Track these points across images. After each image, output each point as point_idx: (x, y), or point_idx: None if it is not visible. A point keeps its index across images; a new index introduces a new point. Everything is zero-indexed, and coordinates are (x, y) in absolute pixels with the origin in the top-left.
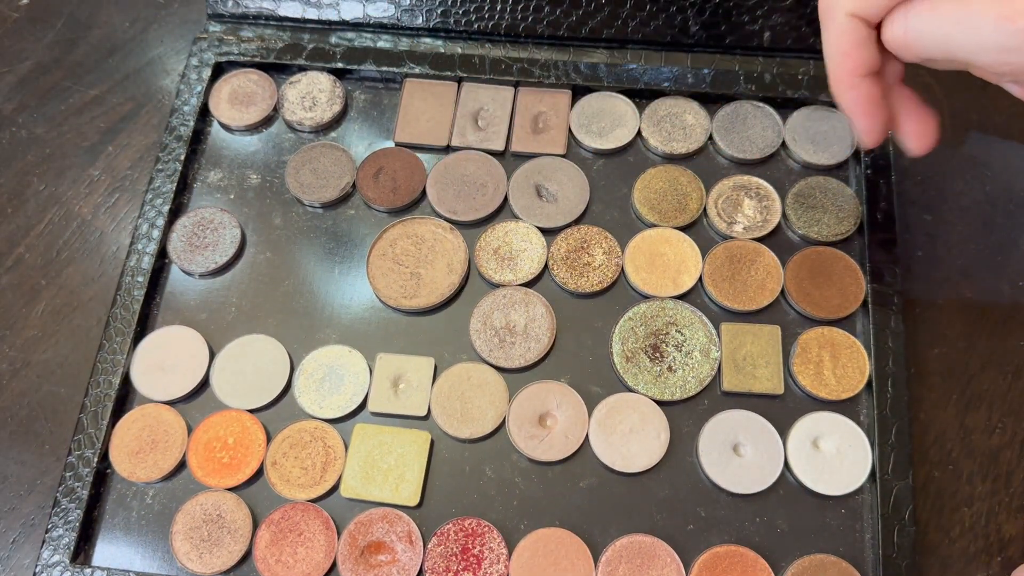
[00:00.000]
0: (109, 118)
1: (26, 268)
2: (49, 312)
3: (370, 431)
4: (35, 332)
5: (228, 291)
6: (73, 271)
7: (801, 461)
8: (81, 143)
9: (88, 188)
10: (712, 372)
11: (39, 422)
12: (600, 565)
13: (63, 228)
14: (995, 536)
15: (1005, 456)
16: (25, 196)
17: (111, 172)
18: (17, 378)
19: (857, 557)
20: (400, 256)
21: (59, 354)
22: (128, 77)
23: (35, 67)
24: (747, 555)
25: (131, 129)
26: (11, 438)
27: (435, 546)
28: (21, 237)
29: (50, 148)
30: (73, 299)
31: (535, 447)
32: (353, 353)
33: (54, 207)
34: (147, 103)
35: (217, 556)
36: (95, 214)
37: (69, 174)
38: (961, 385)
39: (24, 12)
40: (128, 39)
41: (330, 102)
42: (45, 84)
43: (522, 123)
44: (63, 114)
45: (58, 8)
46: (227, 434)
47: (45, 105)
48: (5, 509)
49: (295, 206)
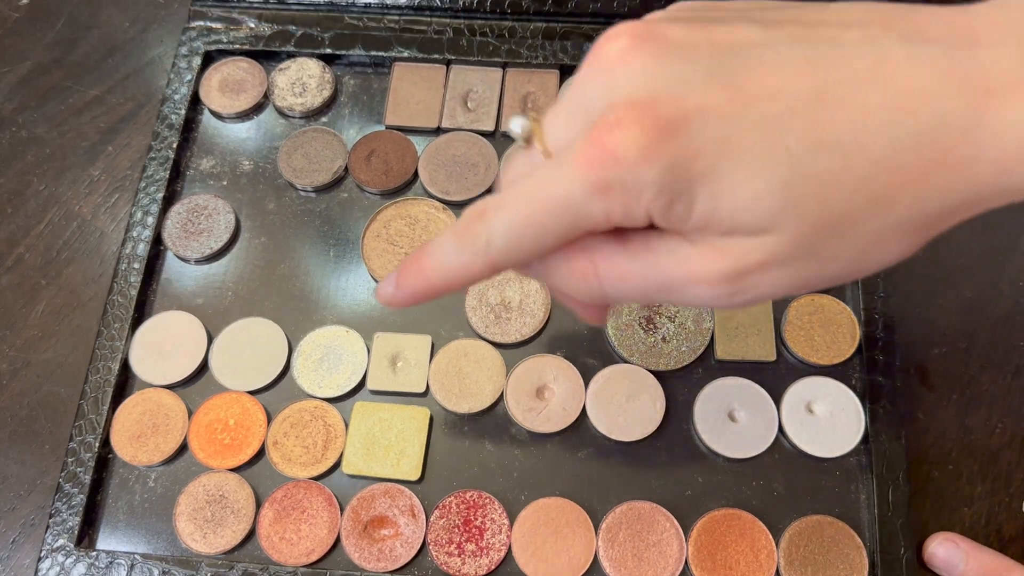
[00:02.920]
0: (109, 118)
1: (26, 268)
2: (49, 312)
3: (370, 409)
4: (35, 332)
5: (224, 276)
6: (73, 271)
7: (795, 425)
8: (81, 143)
9: (88, 188)
10: (705, 342)
11: (39, 422)
12: (601, 532)
13: (63, 228)
14: (995, 536)
15: (1005, 456)
16: (25, 196)
17: (111, 172)
18: (17, 378)
19: (853, 517)
20: (394, 237)
21: (59, 354)
22: (128, 77)
23: (35, 67)
24: (745, 518)
25: (131, 129)
26: (11, 438)
27: (437, 519)
28: (21, 237)
29: (50, 148)
30: (73, 299)
31: (533, 419)
32: (351, 333)
33: (54, 207)
34: (147, 103)
35: (221, 536)
36: (95, 214)
37: (69, 174)
38: (961, 385)
39: (24, 12)
40: (128, 39)
41: (320, 87)
42: (45, 84)
43: (511, 103)
44: (63, 114)
45: (58, 8)
46: (228, 415)
47: (45, 105)
48: (5, 509)
49: (288, 191)
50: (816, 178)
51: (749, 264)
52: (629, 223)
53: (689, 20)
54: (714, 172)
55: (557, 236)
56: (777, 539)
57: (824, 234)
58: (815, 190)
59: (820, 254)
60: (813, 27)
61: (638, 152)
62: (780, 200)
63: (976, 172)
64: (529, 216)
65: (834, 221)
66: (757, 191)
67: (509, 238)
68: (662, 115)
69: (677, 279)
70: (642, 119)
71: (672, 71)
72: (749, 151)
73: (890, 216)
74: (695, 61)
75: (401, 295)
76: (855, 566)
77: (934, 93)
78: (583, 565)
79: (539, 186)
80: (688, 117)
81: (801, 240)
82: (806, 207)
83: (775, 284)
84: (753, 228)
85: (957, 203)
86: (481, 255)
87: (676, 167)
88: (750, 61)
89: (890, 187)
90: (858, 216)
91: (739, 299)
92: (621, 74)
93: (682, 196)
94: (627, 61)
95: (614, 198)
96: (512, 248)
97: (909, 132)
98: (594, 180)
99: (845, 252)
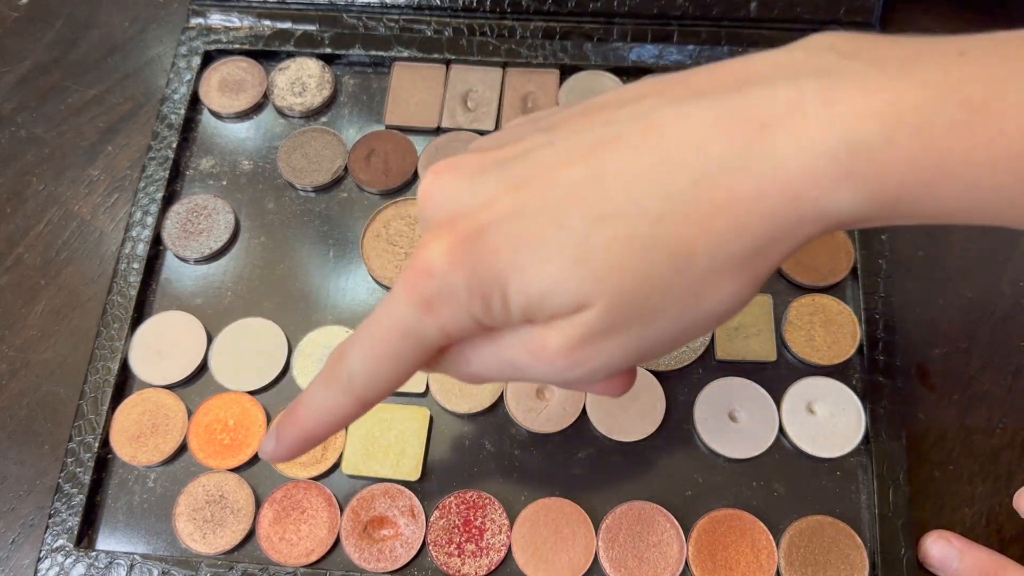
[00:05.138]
0: (108, 118)
1: (25, 268)
2: (48, 312)
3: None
4: (34, 332)
5: (224, 276)
6: (72, 271)
7: (796, 425)
8: (80, 143)
9: (87, 188)
10: (705, 342)
11: (38, 422)
12: (601, 532)
13: (62, 228)
14: (995, 537)
15: (1006, 456)
16: (24, 196)
17: (111, 172)
18: (16, 378)
19: (853, 518)
20: (394, 237)
21: (59, 354)
22: (128, 77)
23: (34, 67)
24: (745, 518)
25: (131, 129)
26: (10, 438)
27: (437, 519)
28: (20, 237)
29: (49, 148)
30: (72, 299)
31: (533, 419)
32: (350, 333)
33: (53, 207)
34: (147, 103)
35: (221, 536)
36: (94, 214)
37: (68, 174)
38: (961, 385)
39: (23, 12)
40: (128, 39)
41: (319, 87)
42: (44, 84)
43: (511, 103)
44: (62, 114)
45: (57, 8)
46: (227, 416)
47: (44, 105)
48: (5, 509)
49: (288, 191)
50: (606, 248)
51: (573, 339)
52: (464, 332)
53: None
54: (515, 266)
55: (408, 359)
56: (777, 539)
57: (635, 297)
58: (608, 259)
59: (643, 317)
60: (592, 115)
61: (444, 260)
62: (578, 275)
63: (768, 205)
64: (378, 348)
65: (639, 282)
66: (555, 273)
67: (367, 371)
68: (460, 227)
69: (523, 359)
70: (444, 234)
71: (465, 191)
72: (539, 238)
73: (695, 266)
74: (485, 177)
75: (282, 448)
76: (855, 566)
77: (702, 139)
78: (583, 565)
79: (379, 318)
80: (483, 224)
81: (615, 307)
82: (605, 276)
83: (610, 354)
84: (567, 307)
85: (765, 239)
86: (346, 392)
87: (480, 266)
88: (533, 163)
89: (681, 239)
90: (662, 272)
91: (576, 373)
92: (428, 207)
93: (494, 294)
94: (431, 195)
95: (440, 310)
96: (373, 380)
97: (684, 183)
98: (417, 299)
99: (667, 310)
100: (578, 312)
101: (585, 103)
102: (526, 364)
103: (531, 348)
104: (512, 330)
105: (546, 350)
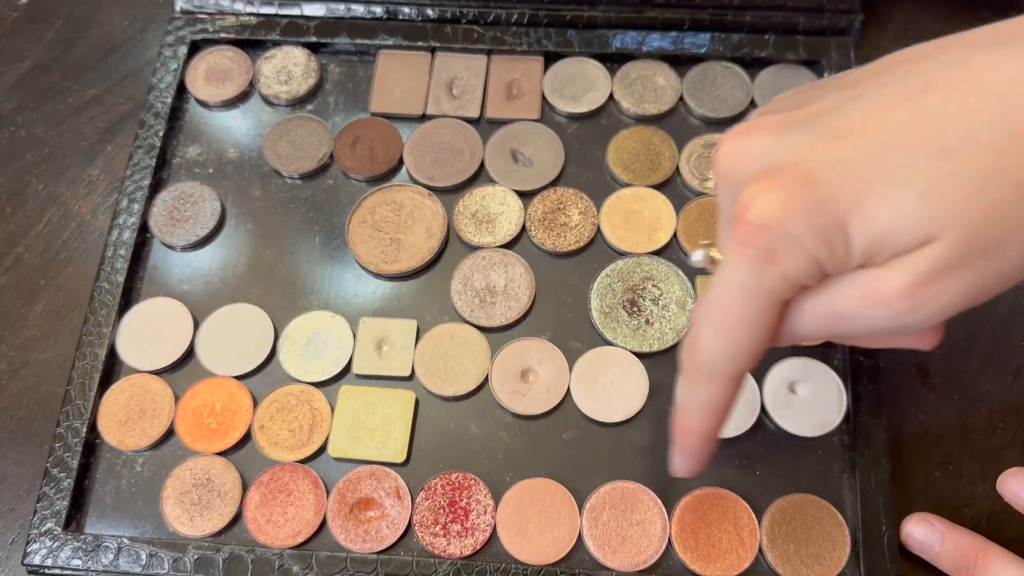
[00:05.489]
0: (108, 118)
1: (25, 268)
2: (48, 312)
3: (355, 392)
4: (34, 332)
5: (210, 263)
6: (72, 271)
7: (778, 405)
8: (80, 143)
9: (87, 188)
10: (689, 324)
11: (38, 422)
12: (585, 511)
13: (62, 228)
14: (996, 537)
15: (1006, 457)
16: (24, 196)
17: (110, 172)
18: (16, 378)
19: (836, 496)
20: (379, 223)
21: (58, 354)
22: (127, 77)
23: (34, 67)
24: (728, 496)
25: (130, 128)
26: (10, 438)
27: (423, 500)
28: (20, 237)
29: (49, 148)
30: (72, 299)
31: (518, 402)
32: (336, 318)
33: (53, 207)
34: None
35: (208, 519)
36: (94, 214)
37: (68, 174)
38: (962, 385)
39: (23, 12)
40: (127, 39)
41: (305, 75)
42: (44, 84)
43: (496, 90)
44: (62, 114)
45: (57, 8)
46: (214, 400)
47: (44, 105)
48: (4, 509)
49: (274, 178)
50: (949, 181)
51: (921, 275)
52: (807, 279)
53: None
54: (855, 208)
55: (760, 322)
56: (760, 517)
57: (983, 228)
58: (953, 191)
59: (988, 250)
60: (894, 69)
61: (780, 210)
62: (925, 209)
63: None
64: (728, 320)
65: (987, 214)
66: (901, 208)
67: (723, 348)
68: (788, 175)
69: (854, 306)
70: (771, 185)
71: (781, 144)
72: (878, 179)
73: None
74: (796, 132)
75: (691, 460)
76: (837, 543)
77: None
78: (567, 544)
79: (719, 292)
80: (811, 170)
81: (963, 240)
82: (953, 208)
83: (953, 291)
84: (913, 242)
85: None
86: (711, 378)
87: (818, 212)
88: (848, 113)
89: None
90: (1009, 202)
91: (919, 315)
92: (737, 166)
93: (836, 236)
94: (738, 154)
95: (782, 259)
96: (731, 355)
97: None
98: (756, 254)
99: (1012, 243)
100: (924, 247)
101: (875, 63)
102: (858, 311)
103: (866, 292)
104: (843, 278)
105: (884, 291)
